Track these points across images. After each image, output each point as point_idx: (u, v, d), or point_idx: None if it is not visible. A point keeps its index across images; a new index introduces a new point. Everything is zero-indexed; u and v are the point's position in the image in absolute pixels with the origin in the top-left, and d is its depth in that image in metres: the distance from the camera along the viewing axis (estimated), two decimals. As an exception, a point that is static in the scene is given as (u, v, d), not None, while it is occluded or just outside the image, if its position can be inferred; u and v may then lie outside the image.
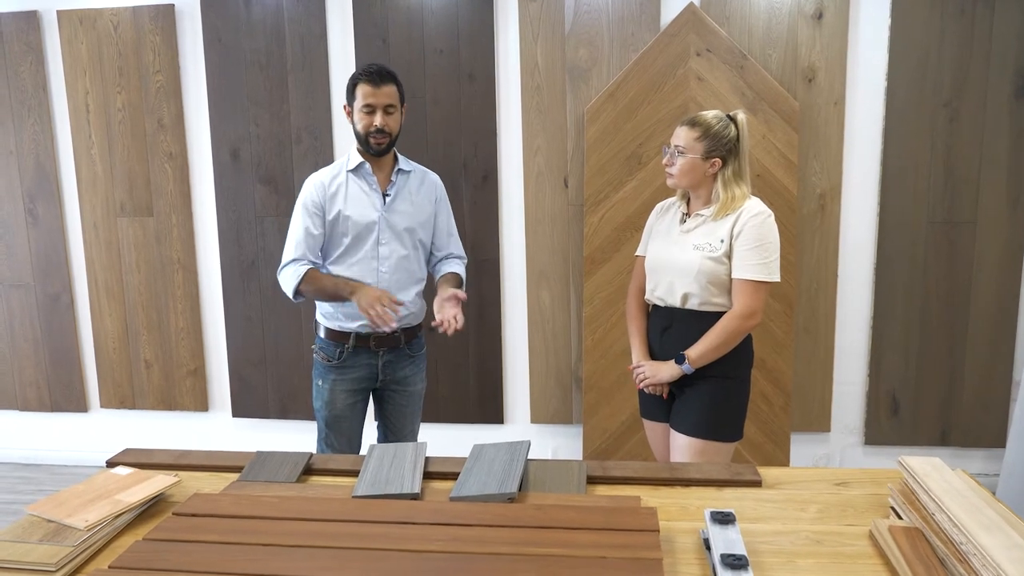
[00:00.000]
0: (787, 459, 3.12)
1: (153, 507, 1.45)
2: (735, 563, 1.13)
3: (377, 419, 2.50)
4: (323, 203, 2.26)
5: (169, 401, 3.60)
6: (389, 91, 2.21)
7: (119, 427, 3.67)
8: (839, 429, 3.27)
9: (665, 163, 2.10)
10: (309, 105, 3.29)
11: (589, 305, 3.15)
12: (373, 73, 2.19)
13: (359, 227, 2.26)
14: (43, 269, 3.58)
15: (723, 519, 1.26)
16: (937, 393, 3.18)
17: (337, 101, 3.29)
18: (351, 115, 2.26)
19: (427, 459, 1.63)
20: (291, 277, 2.23)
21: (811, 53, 3.02)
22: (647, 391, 2.16)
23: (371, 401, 2.47)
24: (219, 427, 3.61)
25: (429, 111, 3.23)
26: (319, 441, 2.41)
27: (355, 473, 1.61)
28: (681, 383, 2.09)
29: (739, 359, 2.08)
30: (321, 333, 2.37)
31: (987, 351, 3.13)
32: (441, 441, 2.88)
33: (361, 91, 2.20)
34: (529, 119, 3.18)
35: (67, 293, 3.59)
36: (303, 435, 3.40)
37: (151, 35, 3.34)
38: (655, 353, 2.16)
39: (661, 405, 2.18)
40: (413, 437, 2.52)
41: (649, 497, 1.48)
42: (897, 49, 3.00)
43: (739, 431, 2.11)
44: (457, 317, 2.12)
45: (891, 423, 3.22)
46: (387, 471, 1.55)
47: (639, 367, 2.15)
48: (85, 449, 3.69)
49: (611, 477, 1.57)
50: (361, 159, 2.29)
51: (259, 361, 3.49)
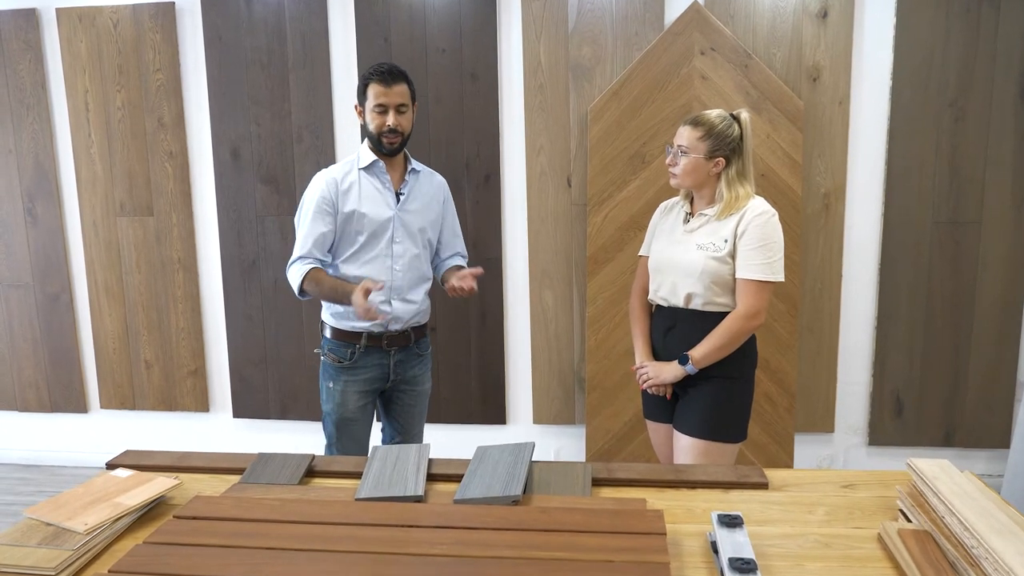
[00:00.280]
0: (791, 460, 3.10)
1: (154, 510, 1.44)
2: (744, 567, 1.11)
3: (383, 420, 2.49)
4: (335, 199, 2.24)
5: (169, 401, 3.59)
6: (401, 90, 2.20)
7: (119, 428, 3.65)
8: (843, 430, 3.26)
9: (668, 163, 2.08)
10: (310, 104, 3.28)
11: (592, 305, 3.14)
12: (385, 72, 2.17)
13: (374, 225, 2.25)
14: (42, 269, 3.57)
15: (731, 522, 1.24)
16: (941, 394, 3.17)
17: (339, 100, 3.28)
18: (362, 115, 2.25)
19: (430, 461, 1.61)
20: (295, 275, 2.22)
21: (816, 52, 3.01)
22: (650, 392, 2.15)
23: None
24: (220, 427, 3.59)
25: (431, 110, 3.21)
26: (328, 446, 2.38)
27: (358, 475, 1.59)
28: (684, 384, 2.07)
29: (743, 359, 2.06)
30: (328, 334, 2.34)
31: (992, 352, 3.12)
32: (443, 441, 2.88)
33: (373, 91, 2.18)
34: (532, 118, 3.17)
35: (67, 293, 3.57)
36: (305, 435, 3.39)
37: (151, 33, 3.32)
38: (658, 353, 2.14)
39: (664, 406, 2.16)
40: (420, 437, 2.51)
41: (655, 499, 1.46)
42: (902, 48, 2.99)
43: (743, 432, 2.09)
44: (474, 287, 2.19)
45: (895, 424, 3.21)
46: (390, 473, 1.54)
47: (642, 368, 2.13)
48: (85, 450, 3.68)
49: (616, 479, 1.55)
50: (374, 157, 2.27)
51: (260, 361, 3.48)
